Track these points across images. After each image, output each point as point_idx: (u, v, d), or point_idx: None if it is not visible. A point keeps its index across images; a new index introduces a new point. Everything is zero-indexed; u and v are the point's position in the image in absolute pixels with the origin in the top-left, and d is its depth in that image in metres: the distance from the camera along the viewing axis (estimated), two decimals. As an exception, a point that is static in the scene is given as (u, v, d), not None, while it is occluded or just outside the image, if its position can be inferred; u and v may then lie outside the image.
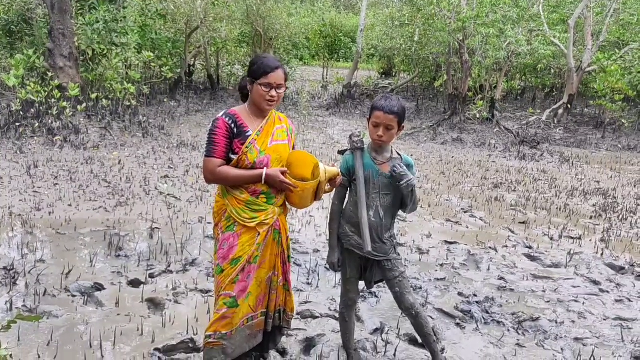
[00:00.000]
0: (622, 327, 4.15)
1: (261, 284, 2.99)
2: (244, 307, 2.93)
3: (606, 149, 13.59)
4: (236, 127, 2.85)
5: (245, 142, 2.84)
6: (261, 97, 2.86)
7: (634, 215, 7.43)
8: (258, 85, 2.84)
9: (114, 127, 10.37)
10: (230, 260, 2.87)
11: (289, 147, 3.02)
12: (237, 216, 2.87)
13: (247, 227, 2.88)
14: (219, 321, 2.89)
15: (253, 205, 2.89)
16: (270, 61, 2.86)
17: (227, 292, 2.88)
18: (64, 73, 10.44)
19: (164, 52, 15.64)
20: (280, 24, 18.22)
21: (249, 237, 2.89)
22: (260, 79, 2.83)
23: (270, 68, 2.83)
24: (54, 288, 4.20)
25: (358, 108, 17.81)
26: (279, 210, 3.01)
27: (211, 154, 2.83)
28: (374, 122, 3.02)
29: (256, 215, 2.89)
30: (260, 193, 2.90)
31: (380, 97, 3.07)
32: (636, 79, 15.07)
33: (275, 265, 3.04)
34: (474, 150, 12.40)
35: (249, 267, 2.90)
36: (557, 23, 17.60)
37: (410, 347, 3.67)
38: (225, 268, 2.88)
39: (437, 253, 5.54)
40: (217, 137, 2.83)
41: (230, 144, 2.85)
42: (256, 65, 2.85)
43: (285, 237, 3.06)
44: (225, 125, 2.84)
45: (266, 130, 2.92)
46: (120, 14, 11.76)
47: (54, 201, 6.35)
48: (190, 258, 4.93)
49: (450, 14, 14.40)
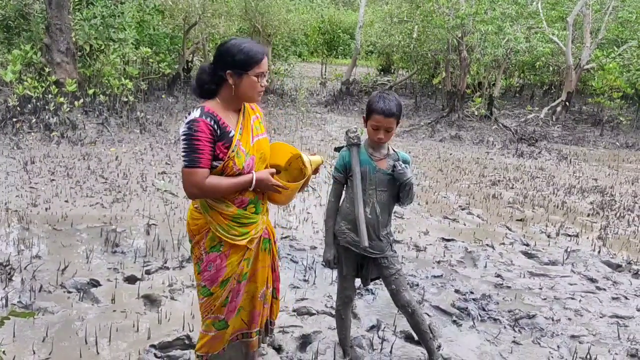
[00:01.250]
0: (618, 324, 4.15)
1: (253, 298, 2.75)
2: (236, 322, 2.74)
3: (604, 147, 13.59)
4: (219, 129, 2.43)
5: (230, 145, 2.44)
6: (254, 89, 2.47)
7: (631, 212, 7.43)
8: (250, 77, 2.43)
9: (111, 123, 10.34)
10: (219, 283, 2.58)
11: (268, 140, 2.70)
12: (225, 234, 2.52)
13: (235, 245, 2.55)
14: (210, 341, 2.70)
15: (241, 219, 2.54)
16: (256, 46, 2.47)
17: (217, 315, 2.65)
18: (61, 68, 10.40)
19: (162, 48, 15.59)
20: (279, 20, 18.18)
21: (238, 256, 2.58)
22: (253, 69, 2.42)
23: (262, 54, 2.45)
24: (50, 284, 4.19)
25: (356, 105, 17.78)
26: (265, 218, 2.74)
27: (195, 164, 2.37)
28: (374, 125, 2.97)
29: (246, 230, 2.56)
30: (249, 203, 2.56)
31: (377, 98, 2.97)
32: (634, 76, 15.06)
33: (268, 278, 2.80)
34: (472, 147, 12.40)
35: (238, 286, 2.64)
36: (555, 20, 17.58)
37: (407, 344, 3.67)
38: (214, 291, 2.60)
39: (434, 250, 5.54)
40: (200, 142, 2.37)
41: (213, 150, 2.42)
42: (243, 53, 2.41)
43: (273, 241, 2.82)
44: (207, 127, 2.39)
45: (245, 126, 2.55)
46: (117, 10, 11.71)
47: (51, 197, 6.33)
48: (187, 254, 4.91)
49: (448, 11, 14.38)
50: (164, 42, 15.70)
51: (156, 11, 14.68)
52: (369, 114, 3.00)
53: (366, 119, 3.04)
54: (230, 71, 2.43)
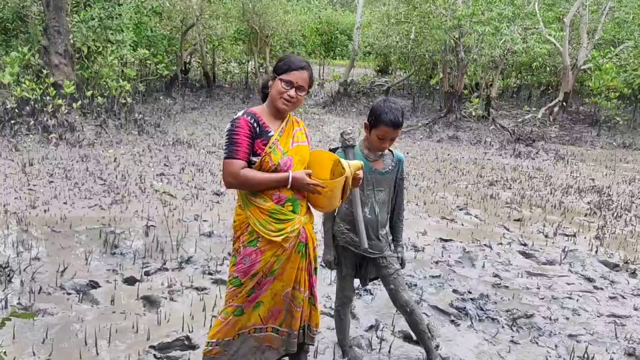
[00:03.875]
0: (615, 323, 4.17)
1: (275, 296, 2.80)
2: (253, 315, 2.79)
3: (601, 147, 13.63)
4: (258, 127, 2.65)
5: (268, 143, 2.64)
6: (278, 93, 2.65)
7: (628, 212, 7.46)
8: (279, 80, 2.65)
9: (109, 125, 10.35)
10: (250, 276, 2.71)
11: (309, 148, 2.85)
12: (262, 229, 2.66)
13: (272, 242, 2.67)
14: (223, 327, 2.76)
15: (278, 215, 2.67)
16: (298, 59, 2.70)
17: (238, 304, 2.75)
18: (59, 70, 10.40)
19: (160, 49, 15.61)
20: (276, 22, 18.21)
21: (272, 252, 2.70)
22: (283, 75, 2.65)
23: (296, 65, 2.65)
24: (49, 286, 4.19)
25: (354, 106, 17.81)
26: (305, 219, 2.80)
27: (233, 155, 2.61)
28: (380, 136, 2.98)
29: (282, 227, 2.68)
30: (286, 200, 2.69)
31: (385, 109, 2.95)
32: (631, 76, 15.12)
33: (299, 280, 2.83)
34: (470, 148, 12.43)
35: (264, 280, 2.74)
36: (552, 21, 17.61)
37: (405, 344, 3.68)
38: (244, 282, 2.72)
39: (432, 250, 5.56)
40: (239, 137, 2.61)
41: (252, 145, 2.64)
42: (282, 61, 2.70)
43: (312, 247, 2.87)
44: (247, 124, 2.63)
45: (287, 131, 2.74)
46: (115, 11, 11.73)
47: (49, 199, 6.34)
48: (186, 256, 4.93)
49: (446, 12, 14.41)
50: (162, 43, 15.72)
51: (154, 13, 14.71)
52: (375, 124, 2.98)
53: (370, 128, 3.03)
54: (272, 75, 2.73)
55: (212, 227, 5.76)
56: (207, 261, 4.85)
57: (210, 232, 5.60)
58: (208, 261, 4.85)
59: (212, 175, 7.99)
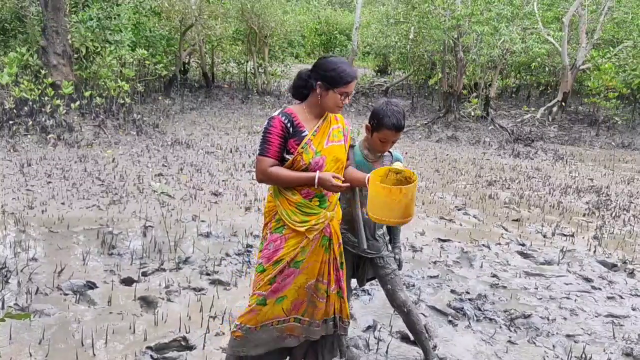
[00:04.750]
0: (613, 323, 4.17)
1: (299, 289, 2.89)
2: (276, 308, 2.87)
3: (600, 147, 13.63)
4: (292, 127, 2.76)
5: (301, 142, 2.75)
6: (335, 104, 2.78)
7: (626, 212, 7.46)
8: (336, 94, 2.74)
9: (107, 125, 10.34)
10: (273, 262, 2.82)
11: (345, 148, 2.92)
12: (288, 218, 2.80)
13: (296, 231, 2.80)
14: (247, 314, 2.87)
15: (305, 208, 2.80)
16: (351, 69, 2.78)
17: (260, 292, 2.84)
18: (58, 71, 10.39)
19: (159, 49, 15.59)
20: (275, 22, 18.21)
21: (295, 241, 2.81)
22: (341, 87, 2.73)
23: (352, 77, 2.75)
24: (46, 286, 4.19)
25: (353, 106, 17.81)
26: (331, 215, 2.88)
27: (264, 152, 2.76)
28: (383, 139, 3.00)
29: (307, 219, 2.80)
30: (314, 196, 2.81)
31: (388, 112, 2.96)
32: (630, 76, 15.11)
33: (322, 273, 2.92)
34: (469, 148, 12.42)
35: (288, 271, 2.83)
36: (551, 21, 17.63)
37: (403, 344, 3.68)
38: (267, 268, 2.83)
39: (430, 250, 5.56)
40: (272, 136, 2.74)
41: (284, 144, 2.76)
42: (335, 72, 2.73)
43: (337, 243, 2.95)
44: (281, 124, 2.75)
45: (322, 130, 2.83)
46: (114, 12, 11.71)
47: (47, 199, 6.33)
48: (184, 256, 4.92)
49: (444, 12, 14.40)
50: (161, 44, 15.71)
51: (152, 13, 14.70)
52: (378, 127, 2.99)
53: (372, 131, 3.04)
54: (321, 83, 2.76)
55: (210, 227, 5.76)
56: (205, 262, 4.85)
57: (208, 233, 5.60)
58: (206, 262, 4.85)
59: (211, 176, 7.99)
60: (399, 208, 2.65)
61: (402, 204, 2.64)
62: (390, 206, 2.64)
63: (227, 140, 10.96)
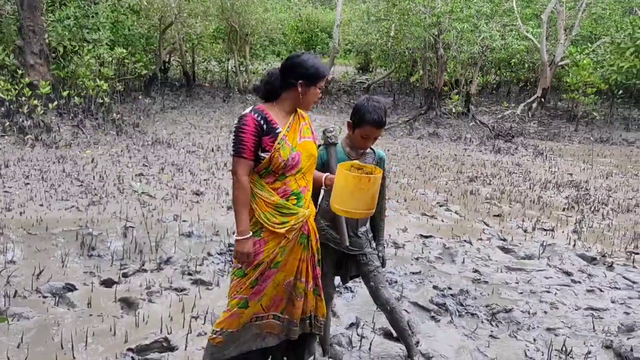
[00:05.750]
0: (593, 316, 4.22)
1: (277, 286, 2.88)
2: (255, 307, 2.85)
3: (579, 142, 13.81)
4: (266, 124, 2.71)
5: (276, 139, 2.71)
6: (314, 99, 2.82)
7: (605, 206, 7.56)
8: (316, 89, 2.78)
9: (86, 125, 10.22)
10: (254, 266, 2.78)
11: (315, 144, 2.93)
12: (266, 221, 2.75)
13: (275, 233, 2.76)
14: (228, 319, 2.82)
15: (283, 209, 2.76)
16: (322, 65, 2.83)
17: (242, 295, 2.81)
18: (35, 70, 10.23)
19: (138, 48, 15.42)
20: (256, 20, 18.13)
21: (274, 243, 2.78)
22: (319, 82, 2.78)
23: (327, 71, 2.84)
24: (25, 289, 4.12)
25: (335, 103, 17.82)
26: (308, 212, 2.87)
27: (240, 153, 2.69)
28: (364, 135, 3.00)
29: (286, 220, 2.76)
30: (291, 194, 2.77)
31: (369, 108, 2.97)
32: (608, 72, 15.33)
33: (300, 271, 2.91)
34: (450, 144, 12.50)
35: (268, 272, 2.82)
36: (530, 18, 17.82)
37: (386, 341, 3.69)
38: (248, 273, 2.80)
39: (412, 247, 5.58)
40: (245, 134, 2.68)
41: (259, 142, 2.70)
42: (314, 69, 2.76)
43: (314, 240, 2.95)
44: (254, 121, 2.69)
45: (294, 126, 2.82)
46: (91, 10, 11.56)
47: (25, 201, 6.24)
48: (165, 256, 4.88)
49: (425, 9, 14.47)
50: (140, 42, 15.53)
51: (131, 11, 14.52)
52: (359, 123, 2.99)
53: (354, 127, 3.04)
54: (302, 81, 2.74)
55: (191, 227, 5.71)
56: (187, 262, 4.81)
57: (190, 233, 5.56)
58: (187, 262, 4.81)
59: (192, 175, 7.93)
60: (366, 199, 2.68)
61: (369, 194, 2.68)
62: (358, 196, 2.66)
63: (208, 139, 10.90)
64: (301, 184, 2.82)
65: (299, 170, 2.78)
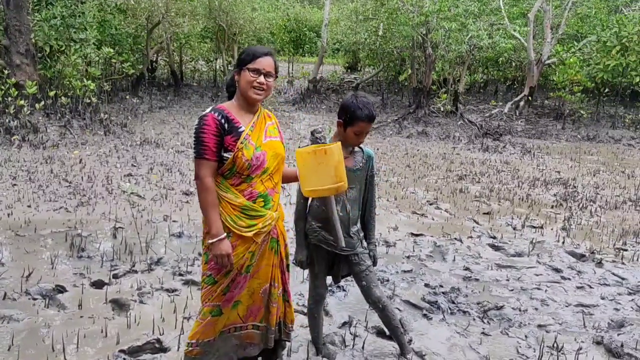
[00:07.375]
0: (583, 313, 4.26)
1: (253, 294, 2.80)
2: (231, 315, 2.78)
3: (566, 140, 13.92)
4: (227, 123, 2.60)
5: (239, 138, 2.60)
6: (248, 83, 2.62)
7: (593, 203, 7.62)
8: (246, 71, 2.62)
9: (74, 125, 10.13)
10: (224, 273, 2.69)
11: (282, 144, 2.84)
12: (233, 224, 2.64)
13: (243, 237, 2.66)
14: (202, 328, 2.74)
15: (250, 211, 2.66)
16: (260, 47, 2.70)
17: (214, 303, 2.72)
18: (21, 70, 10.12)
19: (125, 48, 15.33)
20: (244, 19, 18.10)
21: (244, 247, 2.69)
22: (250, 64, 2.61)
23: (260, 53, 2.64)
24: (14, 291, 4.08)
25: (324, 103, 17.82)
26: (276, 215, 2.80)
27: (202, 154, 2.58)
28: (358, 132, 3.01)
29: (254, 223, 2.67)
30: (258, 196, 2.67)
31: (358, 105, 2.97)
32: (594, 70, 15.47)
33: (274, 277, 2.85)
34: (439, 143, 12.55)
35: (239, 278, 2.72)
36: (517, 16, 17.93)
37: (378, 339, 3.69)
38: (218, 280, 2.70)
39: (403, 245, 5.59)
40: (206, 135, 2.56)
41: (221, 143, 2.59)
42: (245, 52, 2.66)
43: (283, 244, 2.90)
44: (215, 121, 2.57)
45: (258, 126, 2.71)
46: (78, 9, 11.45)
47: (13, 202, 6.17)
48: (156, 257, 4.85)
49: (413, 8, 14.51)
50: (127, 42, 15.44)
51: (118, 10, 14.43)
52: (351, 121, 2.99)
53: (345, 125, 3.03)
54: (237, 70, 2.68)
55: (182, 227, 5.69)
56: (178, 262, 4.79)
57: (180, 233, 5.53)
58: (178, 262, 4.79)
59: (182, 175, 7.89)
60: (329, 171, 2.67)
61: (331, 166, 2.66)
62: (321, 171, 2.67)
63: (197, 139, 10.83)
64: (268, 185, 2.72)
65: (264, 171, 2.68)
